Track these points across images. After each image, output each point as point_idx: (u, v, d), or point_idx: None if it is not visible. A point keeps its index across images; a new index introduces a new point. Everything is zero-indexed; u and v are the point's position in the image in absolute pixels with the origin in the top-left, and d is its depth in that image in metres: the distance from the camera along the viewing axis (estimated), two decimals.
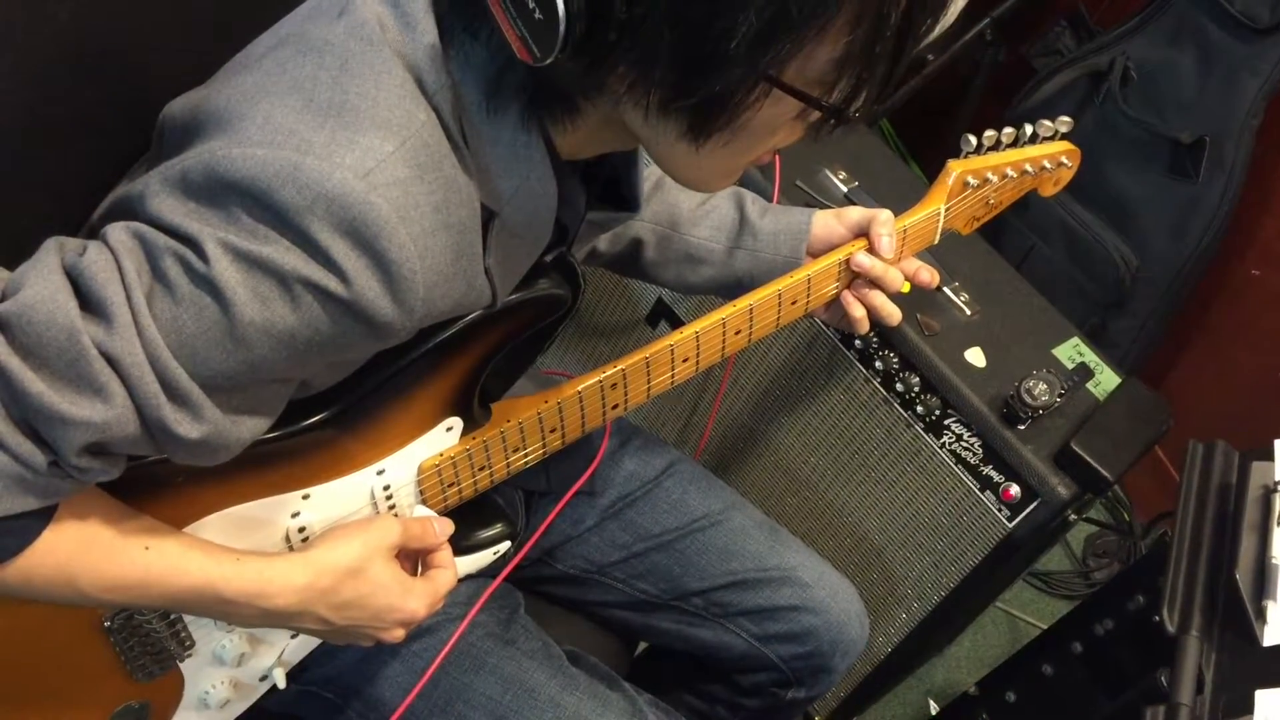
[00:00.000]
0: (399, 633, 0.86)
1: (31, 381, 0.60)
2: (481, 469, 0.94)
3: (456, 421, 0.90)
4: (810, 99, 0.64)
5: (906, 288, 1.06)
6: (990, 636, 1.96)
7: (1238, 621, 0.93)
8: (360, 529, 0.83)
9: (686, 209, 1.10)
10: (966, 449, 1.26)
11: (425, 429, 0.88)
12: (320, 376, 0.76)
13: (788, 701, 1.20)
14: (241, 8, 0.80)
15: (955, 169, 1.07)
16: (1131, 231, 1.91)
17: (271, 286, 0.63)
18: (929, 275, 1.08)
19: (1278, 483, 1.01)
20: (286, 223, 0.62)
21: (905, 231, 1.05)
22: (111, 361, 0.61)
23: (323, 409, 0.79)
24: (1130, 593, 1.10)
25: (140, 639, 0.84)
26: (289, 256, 0.62)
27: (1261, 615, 0.92)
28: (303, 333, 0.65)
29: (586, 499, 1.15)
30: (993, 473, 1.24)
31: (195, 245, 0.62)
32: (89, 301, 0.61)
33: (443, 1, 0.68)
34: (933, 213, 1.07)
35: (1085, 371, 1.29)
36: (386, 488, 0.89)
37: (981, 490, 1.26)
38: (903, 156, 2.28)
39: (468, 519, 0.96)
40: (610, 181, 0.88)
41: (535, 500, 1.12)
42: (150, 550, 0.73)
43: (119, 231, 0.63)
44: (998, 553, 1.27)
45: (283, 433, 0.78)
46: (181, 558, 0.74)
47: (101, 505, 0.72)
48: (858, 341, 1.31)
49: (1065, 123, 1.11)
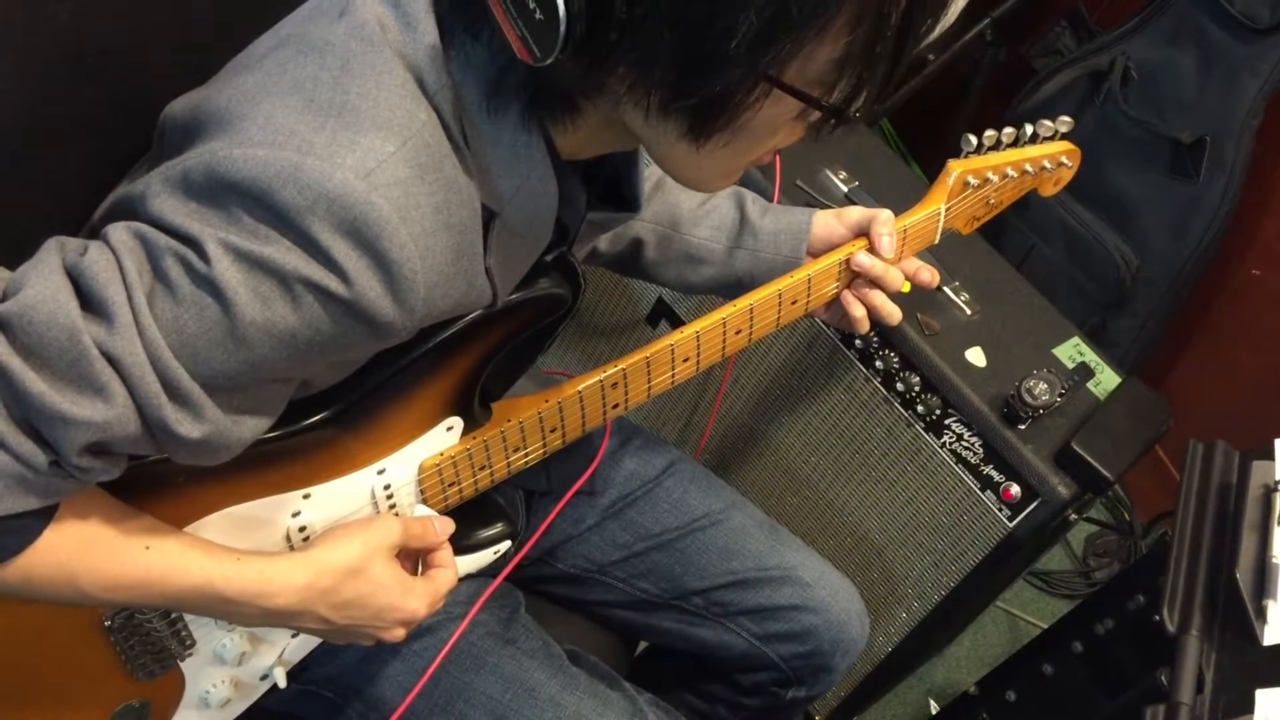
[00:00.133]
0: (400, 632, 0.86)
1: (33, 381, 0.60)
2: (482, 468, 0.94)
3: (457, 421, 0.90)
4: (811, 99, 0.64)
5: (907, 287, 1.06)
6: (991, 636, 1.96)
7: (1238, 621, 0.93)
8: (361, 528, 0.83)
9: (687, 209, 1.10)
10: (967, 448, 1.26)
11: (426, 428, 0.88)
12: (321, 376, 0.76)
13: (788, 701, 1.20)
14: (242, 8, 0.80)
15: (955, 169, 1.07)
16: (1132, 231, 1.91)
17: (272, 287, 0.63)
18: (929, 275, 1.08)
19: (1278, 482, 1.01)
20: (287, 223, 0.62)
21: (905, 231, 1.05)
22: (112, 361, 0.61)
23: (323, 408, 0.79)
24: (1130, 592, 1.10)
25: (141, 638, 0.84)
26: (290, 257, 0.62)
27: (1262, 615, 0.92)
28: (304, 333, 0.65)
29: (587, 498, 1.15)
30: (993, 472, 1.24)
31: (196, 245, 0.62)
32: (90, 301, 0.61)
33: (443, 2, 0.68)
34: (933, 212, 1.07)
35: (1085, 371, 1.29)
36: (387, 487, 0.89)
37: (982, 490, 1.26)
38: (903, 156, 2.28)
39: (468, 518, 0.96)
40: (611, 182, 0.88)
41: (536, 500, 1.12)
42: (151, 550, 0.73)
43: (120, 231, 0.63)
44: (998, 552, 1.27)
45: (283, 432, 0.78)
46: (182, 557, 0.74)
47: (102, 505, 0.72)
48: (858, 341, 1.31)
49: (1065, 122, 1.11)
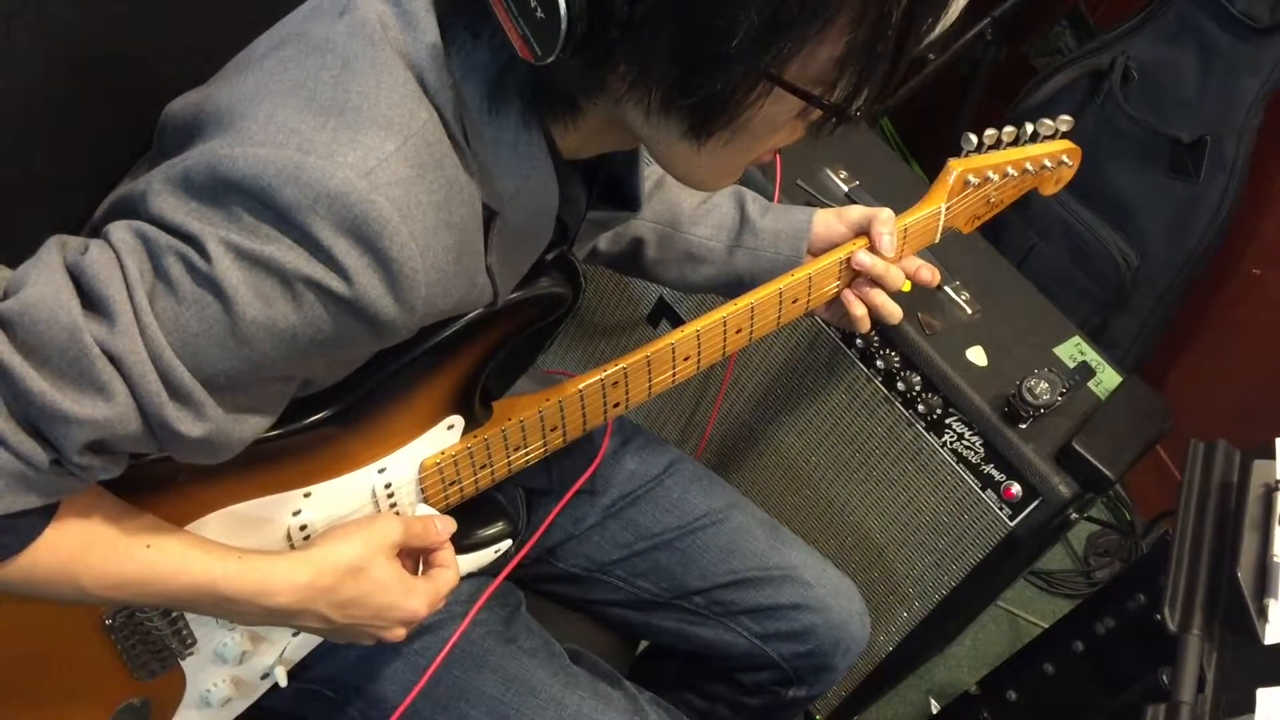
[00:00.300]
0: (400, 631, 0.86)
1: (33, 380, 0.60)
2: (483, 467, 0.94)
3: (458, 420, 0.90)
4: (812, 97, 0.64)
5: (907, 286, 1.06)
6: (991, 635, 1.96)
7: (1239, 620, 0.93)
8: (362, 527, 0.83)
9: (687, 208, 1.10)
10: (968, 448, 1.26)
11: (426, 427, 0.88)
12: (322, 375, 0.76)
13: (789, 700, 1.20)
14: (242, 7, 0.80)
15: (956, 167, 1.07)
16: (1132, 230, 1.91)
17: (273, 285, 0.63)
18: (930, 274, 1.08)
19: (1279, 481, 1.01)
20: (288, 222, 0.62)
21: (906, 230, 1.05)
22: (113, 360, 0.61)
23: (324, 407, 0.79)
24: (1131, 591, 1.10)
25: (141, 637, 0.84)
26: (291, 255, 0.62)
27: (1263, 613, 0.92)
28: (305, 331, 0.65)
29: (588, 498, 1.15)
30: (994, 471, 1.24)
31: (197, 244, 0.62)
32: (91, 300, 0.61)
33: (444, 1, 0.68)
34: (933, 211, 1.07)
35: (1086, 370, 1.29)
36: (388, 486, 0.89)
37: (983, 489, 1.26)
38: (903, 156, 2.28)
39: (469, 517, 0.96)
40: (611, 181, 0.88)
41: (537, 499, 1.12)
42: (152, 548, 0.73)
43: (121, 230, 0.63)
44: (999, 551, 1.27)
45: (284, 431, 0.78)
46: (183, 556, 0.74)
47: (103, 503, 0.72)
48: (859, 340, 1.31)
49: (1066, 121, 1.11)
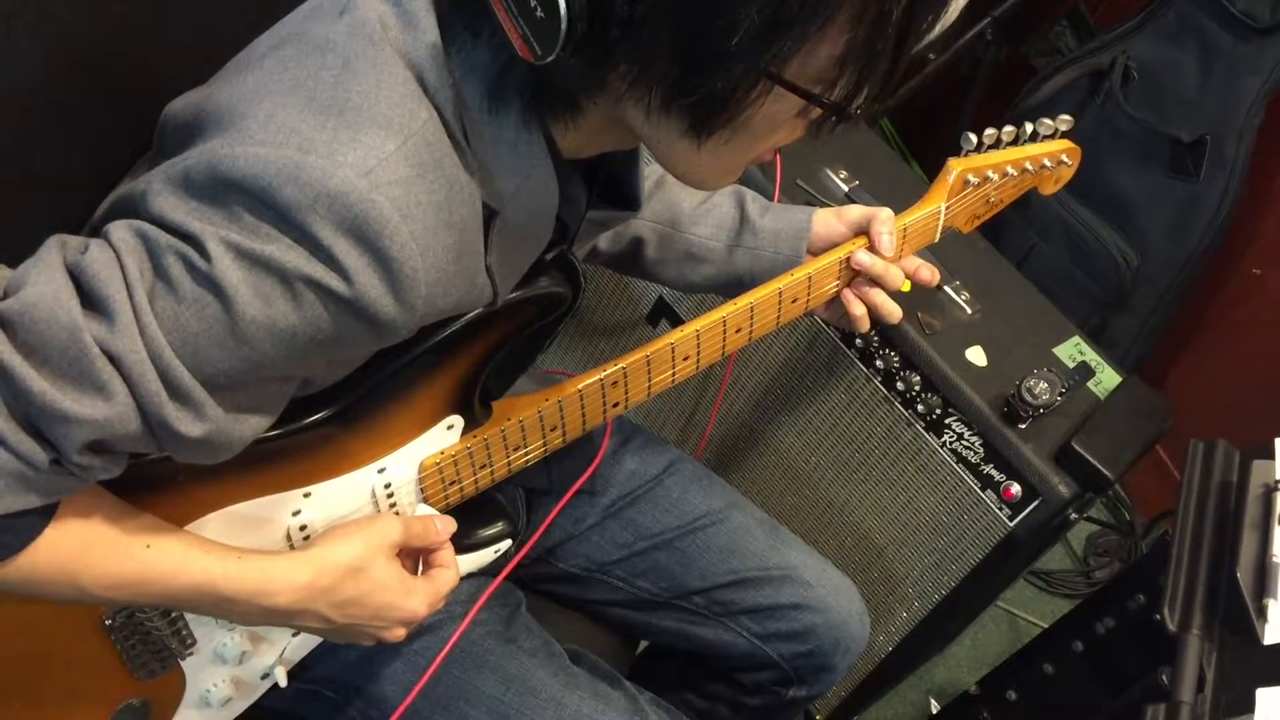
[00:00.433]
0: (400, 632, 0.86)
1: (33, 379, 0.60)
2: (482, 467, 0.94)
3: (457, 419, 0.90)
4: (812, 96, 0.64)
5: (907, 286, 1.06)
6: (991, 635, 1.96)
7: (1239, 620, 0.93)
8: (361, 527, 0.83)
9: (687, 207, 1.10)
10: (967, 448, 1.26)
11: (426, 427, 0.88)
12: (321, 375, 0.76)
13: (789, 700, 1.20)
14: (242, 7, 0.80)
15: (956, 167, 1.07)
16: (1132, 230, 1.91)
17: (274, 285, 0.63)
18: (929, 273, 1.08)
19: (1278, 481, 1.01)
20: (288, 221, 0.62)
21: (906, 230, 1.05)
22: (113, 359, 0.61)
23: (324, 407, 0.79)
24: (1131, 591, 1.10)
25: (141, 637, 0.84)
26: (291, 255, 0.62)
27: (1262, 613, 0.92)
28: (305, 331, 0.65)
29: (587, 498, 1.15)
30: (993, 471, 1.24)
31: (197, 244, 0.62)
32: (91, 299, 0.61)
33: (444, 0, 0.68)
34: (933, 211, 1.07)
35: (1086, 370, 1.29)
36: (388, 486, 0.89)
37: (982, 489, 1.26)
38: (903, 156, 2.28)
39: (469, 517, 0.96)
40: (611, 180, 0.88)
41: (536, 499, 1.12)
42: (152, 548, 0.73)
43: (121, 230, 0.63)
44: (999, 551, 1.27)
45: (284, 431, 0.78)
46: (183, 556, 0.74)
47: (103, 503, 0.72)
48: (858, 340, 1.31)
49: (1065, 121, 1.11)
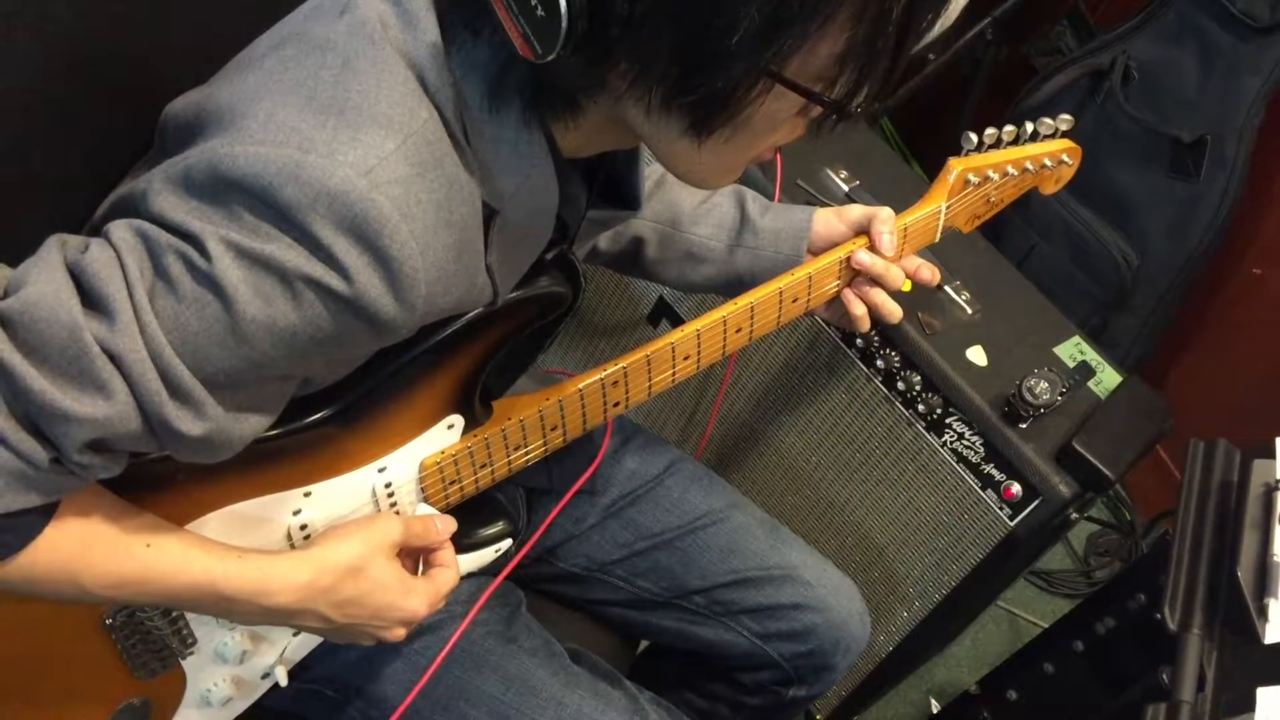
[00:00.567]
0: (400, 631, 0.86)
1: (34, 378, 0.60)
2: (483, 466, 0.94)
3: (458, 419, 0.90)
4: (812, 94, 0.64)
5: (908, 286, 1.06)
6: (991, 635, 1.96)
7: (1239, 619, 0.93)
8: (362, 527, 0.83)
9: (687, 207, 1.10)
10: (968, 447, 1.26)
11: (427, 426, 0.88)
12: (322, 374, 0.76)
13: (789, 700, 1.20)
14: (242, 7, 0.80)
15: (956, 166, 1.07)
16: (1132, 230, 1.91)
17: (274, 284, 0.63)
18: (930, 273, 1.08)
19: (1279, 480, 1.01)
20: (288, 220, 0.62)
21: (906, 229, 1.05)
22: (113, 358, 0.61)
23: (324, 406, 0.79)
24: (1131, 591, 1.10)
25: (142, 637, 0.84)
26: (291, 254, 0.62)
27: (1263, 613, 0.92)
28: (305, 330, 0.65)
29: (588, 497, 1.15)
30: (994, 471, 1.24)
31: (197, 243, 0.62)
32: (91, 298, 0.61)
33: None
34: (933, 210, 1.07)
35: (1086, 370, 1.29)
36: (388, 485, 0.89)
37: (983, 489, 1.26)
38: (904, 156, 2.28)
39: (469, 517, 0.96)
40: (611, 180, 0.88)
41: (537, 498, 1.12)
42: (152, 547, 0.73)
43: (121, 229, 0.63)
44: (999, 551, 1.27)
45: (284, 430, 0.78)
46: (183, 555, 0.74)
47: (103, 502, 0.72)
48: (859, 340, 1.31)
49: (1066, 120, 1.11)
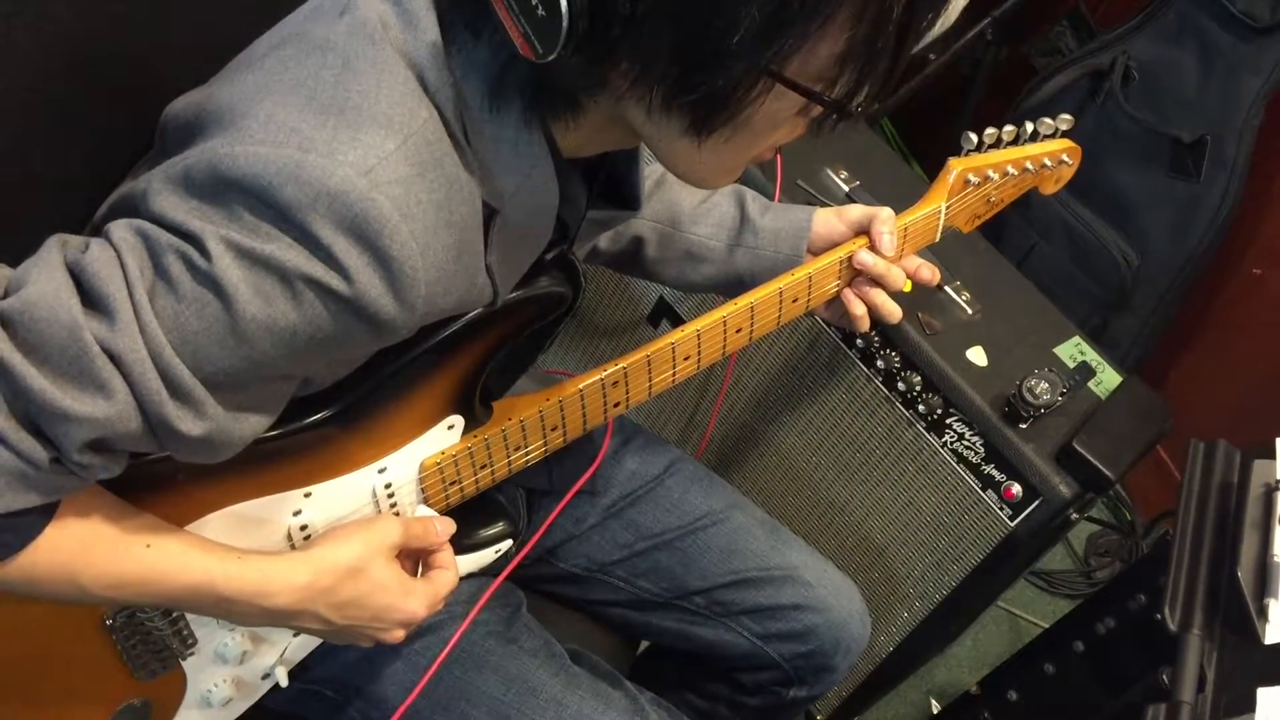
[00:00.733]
0: (399, 633, 0.86)
1: (34, 377, 0.60)
2: (483, 467, 0.94)
3: (458, 419, 0.90)
4: (813, 94, 0.64)
5: (908, 286, 1.06)
6: (992, 635, 1.96)
7: (1239, 619, 0.93)
8: (361, 528, 0.83)
9: (687, 207, 1.10)
10: (968, 448, 1.26)
11: (427, 427, 0.88)
12: (322, 374, 0.76)
13: (789, 700, 1.20)
14: (242, 7, 0.80)
15: (956, 166, 1.07)
16: (1133, 230, 1.91)
17: (274, 284, 0.63)
18: (930, 272, 1.08)
19: (1279, 481, 1.01)
20: (288, 220, 0.62)
21: (906, 229, 1.05)
22: (113, 358, 0.61)
23: (324, 407, 0.79)
24: (1132, 591, 1.10)
25: (142, 637, 0.84)
26: (291, 254, 0.62)
27: (1263, 613, 0.92)
28: (304, 330, 0.65)
29: (588, 498, 1.15)
30: (994, 472, 1.24)
31: (197, 242, 0.62)
32: (91, 298, 0.61)
33: None
34: (934, 210, 1.07)
35: (1086, 370, 1.29)
36: (388, 486, 0.89)
37: (983, 489, 1.26)
38: (904, 156, 2.28)
39: (470, 517, 0.96)
40: (611, 180, 0.88)
41: (537, 499, 1.12)
42: (152, 548, 0.73)
43: (121, 229, 0.63)
44: (999, 551, 1.27)
45: (284, 431, 0.78)
46: (182, 556, 0.74)
47: (103, 503, 0.72)
48: (859, 340, 1.31)
49: (1066, 120, 1.11)
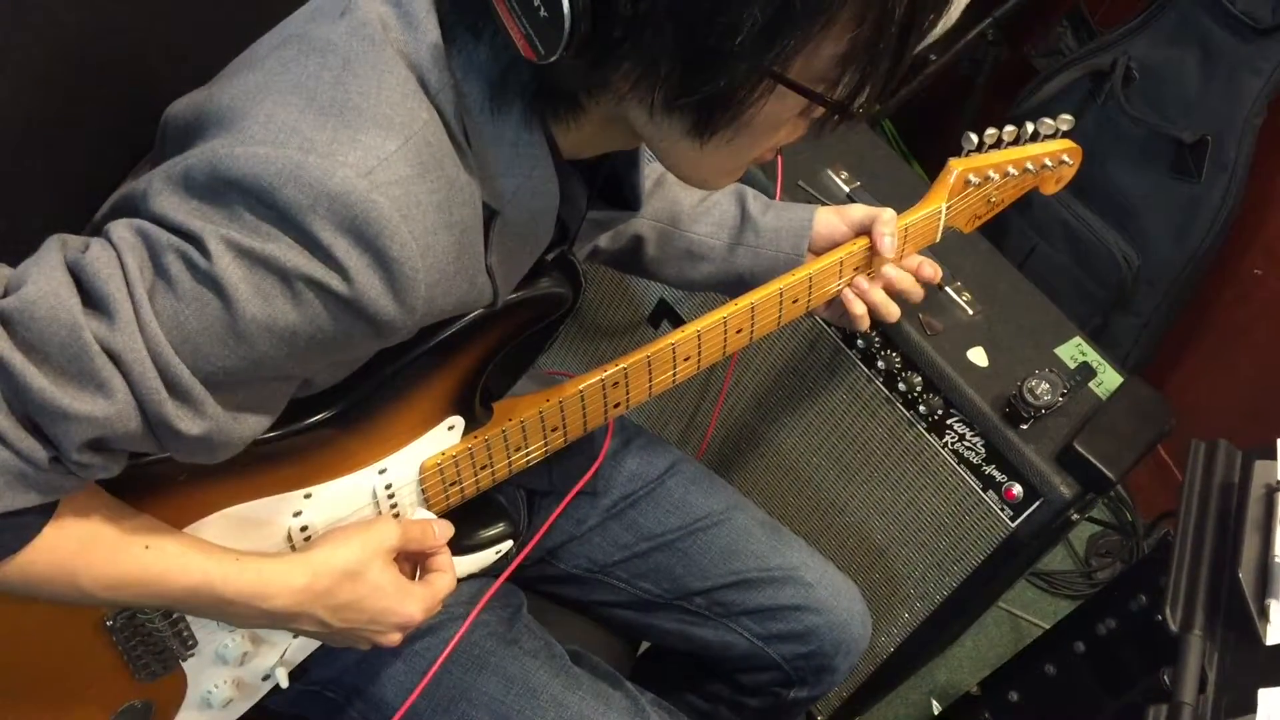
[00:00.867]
0: (396, 636, 0.86)
1: (34, 377, 0.60)
2: (483, 468, 0.94)
3: (458, 420, 0.89)
4: (814, 95, 0.64)
5: (920, 295, 1.07)
6: (993, 636, 1.96)
7: (1240, 620, 0.93)
8: (359, 531, 0.83)
9: (687, 206, 1.10)
10: (969, 448, 1.26)
11: (427, 428, 0.88)
12: (322, 375, 0.76)
13: (790, 701, 1.20)
14: (242, 8, 0.80)
15: (956, 167, 1.07)
16: (1133, 231, 1.91)
17: (274, 284, 0.63)
18: (932, 270, 1.08)
19: None
20: (289, 221, 0.62)
21: (907, 230, 1.05)
22: (113, 357, 0.61)
23: (324, 408, 0.79)
24: (1133, 592, 1.10)
25: (142, 638, 0.84)
26: (291, 254, 0.62)
27: (1264, 614, 0.92)
28: (304, 330, 0.65)
29: (589, 498, 1.15)
30: (995, 472, 1.24)
31: (198, 242, 0.62)
32: (91, 297, 0.61)
33: (445, 1, 0.68)
34: (934, 211, 1.07)
35: (1087, 371, 1.29)
36: (388, 486, 0.89)
37: (984, 490, 1.26)
38: (905, 157, 2.28)
39: (470, 518, 0.96)
40: (611, 180, 0.88)
41: (537, 500, 1.12)
42: (150, 549, 0.73)
43: (122, 228, 0.63)
44: (1000, 552, 1.27)
45: (284, 431, 0.78)
46: (181, 557, 0.74)
47: (102, 504, 0.72)
48: (860, 341, 1.31)
49: (1066, 120, 1.11)
